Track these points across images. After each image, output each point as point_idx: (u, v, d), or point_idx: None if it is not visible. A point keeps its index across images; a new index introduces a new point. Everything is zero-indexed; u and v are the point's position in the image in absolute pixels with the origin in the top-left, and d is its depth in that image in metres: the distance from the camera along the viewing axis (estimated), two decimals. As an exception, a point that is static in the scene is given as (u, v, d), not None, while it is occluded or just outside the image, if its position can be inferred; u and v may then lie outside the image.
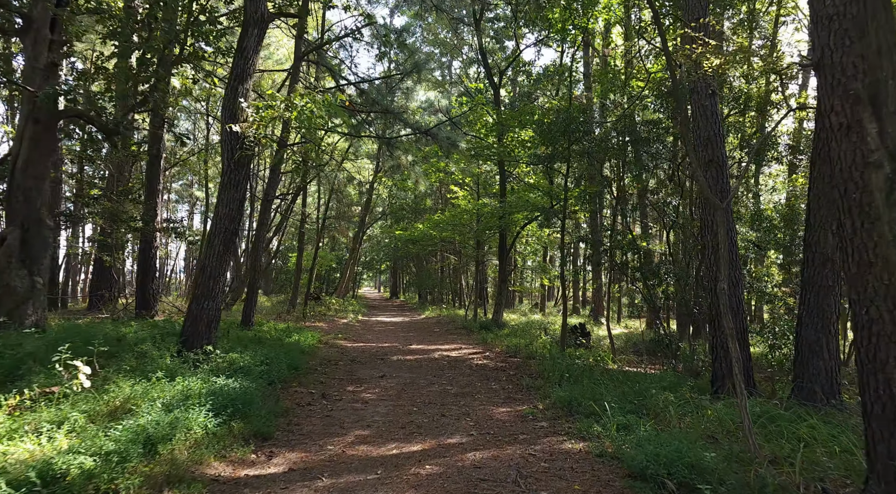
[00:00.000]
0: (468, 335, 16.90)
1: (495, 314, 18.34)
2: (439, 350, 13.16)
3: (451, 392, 8.23)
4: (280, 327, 13.37)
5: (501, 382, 9.13)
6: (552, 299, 38.16)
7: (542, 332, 17.44)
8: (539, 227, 17.64)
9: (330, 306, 23.50)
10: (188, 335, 7.79)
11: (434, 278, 34.15)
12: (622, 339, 17.80)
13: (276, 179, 12.76)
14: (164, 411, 5.02)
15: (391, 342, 14.79)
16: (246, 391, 6.44)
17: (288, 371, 8.57)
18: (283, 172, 15.67)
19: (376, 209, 39.98)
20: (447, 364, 11.02)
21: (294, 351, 10.25)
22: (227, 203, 8.02)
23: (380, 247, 40.04)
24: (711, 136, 8.03)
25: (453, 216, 19.57)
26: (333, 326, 17.98)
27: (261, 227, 12.60)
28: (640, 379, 8.53)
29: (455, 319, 22.53)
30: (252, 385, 6.85)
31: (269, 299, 26.43)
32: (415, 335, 17.08)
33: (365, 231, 31.29)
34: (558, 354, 12.46)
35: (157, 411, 5.04)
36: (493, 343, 14.48)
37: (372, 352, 12.49)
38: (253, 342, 10.29)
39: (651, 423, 5.88)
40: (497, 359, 11.93)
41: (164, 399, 5.41)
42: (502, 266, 18.40)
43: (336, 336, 14.89)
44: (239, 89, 8.15)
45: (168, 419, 4.80)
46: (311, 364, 10.06)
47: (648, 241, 11.96)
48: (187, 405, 5.27)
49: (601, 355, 12.60)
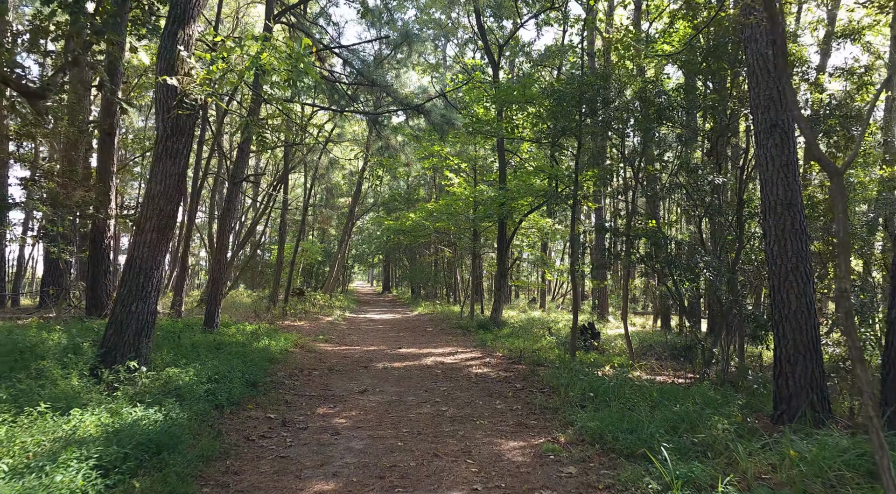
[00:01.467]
0: (464, 335, 15.27)
1: (494, 311, 16.72)
2: (432, 355, 11.52)
3: (447, 415, 6.58)
4: (249, 329, 11.68)
5: (508, 400, 7.49)
6: (550, 294, 36.58)
7: (546, 332, 15.84)
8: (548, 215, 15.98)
9: (315, 303, 21.81)
10: (110, 346, 6.09)
11: (427, 272, 32.48)
12: (634, 339, 16.23)
13: (243, 158, 11.03)
14: (8, 477, 3.32)
15: (378, 344, 13.13)
16: (172, 425, 4.78)
17: (244, 389, 6.90)
18: (254, 152, 13.95)
19: (367, 200, 38.24)
20: (442, 374, 9.37)
21: (259, 360, 8.57)
22: (161, 179, 6.31)
23: (371, 240, 38.29)
24: (774, 94, 6.39)
25: (448, 204, 17.89)
26: (316, 325, 16.30)
27: (226, 213, 10.90)
28: (677, 396, 6.92)
29: (450, 316, 20.90)
30: (183, 416, 5.18)
31: (250, 295, 24.70)
32: (405, 335, 15.42)
33: (354, 222, 29.54)
34: (569, 360, 10.89)
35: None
36: (493, 346, 12.85)
37: (355, 358, 10.83)
38: (209, 350, 8.60)
39: (730, 477, 4.24)
40: (499, 366, 10.30)
41: (29, 449, 3.72)
42: (502, 259, 16.76)
43: (316, 338, 13.20)
44: (179, 35, 6.42)
45: (12, 492, 3.12)
46: (278, 377, 8.38)
47: (668, 229, 10.36)
48: (61, 461, 3.58)
49: (617, 360, 11.01)
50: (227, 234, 10.85)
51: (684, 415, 6.00)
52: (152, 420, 4.76)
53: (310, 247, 25.35)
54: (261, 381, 7.63)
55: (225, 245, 10.89)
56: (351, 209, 27.90)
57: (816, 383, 6.04)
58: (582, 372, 8.61)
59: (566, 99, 9.66)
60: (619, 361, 11.04)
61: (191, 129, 6.54)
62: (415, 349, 12.35)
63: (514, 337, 14.34)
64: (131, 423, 4.55)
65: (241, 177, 10.85)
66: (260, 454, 5.02)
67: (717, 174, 8.35)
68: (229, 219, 10.94)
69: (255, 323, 13.24)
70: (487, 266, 29.11)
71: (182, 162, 6.46)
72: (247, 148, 10.95)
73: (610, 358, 11.46)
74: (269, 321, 13.98)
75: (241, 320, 14.46)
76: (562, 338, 15.04)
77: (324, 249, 29.72)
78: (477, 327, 16.02)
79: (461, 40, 28.37)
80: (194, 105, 6.35)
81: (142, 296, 6.20)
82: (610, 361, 11.12)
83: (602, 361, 11.17)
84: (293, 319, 16.54)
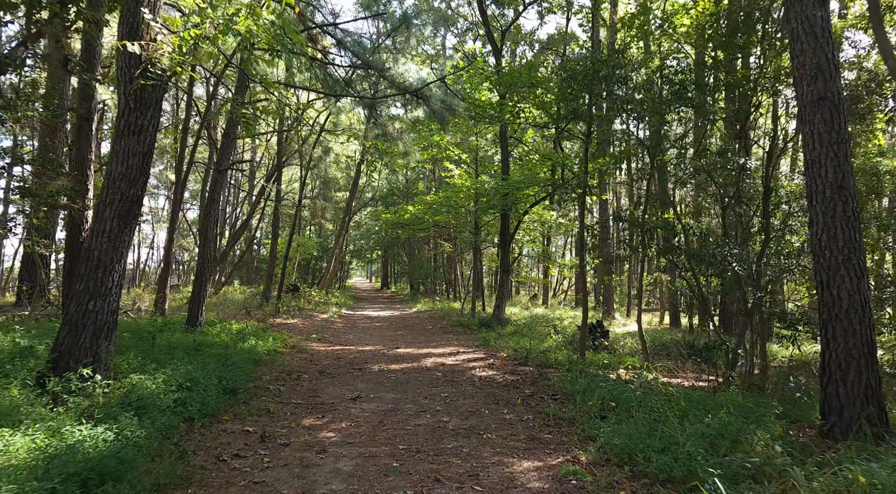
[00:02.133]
0: (466, 333, 14.50)
1: (496, 308, 15.95)
2: (432, 356, 10.75)
3: (449, 428, 5.82)
4: (236, 328, 10.90)
5: (517, 408, 6.73)
6: (551, 290, 35.81)
7: (552, 330, 15.09)
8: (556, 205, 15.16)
9: (310, 300, 21.03)
10: (63, 350, 5.30)
11: (426, 267, 31.70)
12: (645, 338, 15.47)
13: (230, 144, 10.24)
14: None
15: (375, 343, 12.37)
16: (123, 447, 4.01)
17: (221, 397, 6.13)
18: (241, 138, 13.15)
19: (365, 195, 37.43)
20: (443, 377, 8.60)
21: (242, 363, 7.80)
22: (123, 158, 5.52)
23: (369, 235, 37.48)
24: (822, 63, 5.60)
25: (448, 197, 17.11)
26: (310, 323, 15.53)
27: (211, 203, 10.10)
28: (706, 404, 6.17)
29: (450, 313, 20.13)
30: (141, 433, 4.41)
31: (243, 292, 23.92)
32: (404, 333, 14.66)
33: (352, 217, 28.74)
34: (579, 361, 10.14)
35: None
36: (497, 346, 12.09)
37: (349, 359, 10.06)
38: (188, 352, 7.83)
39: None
40: (505, 368, 9.54)
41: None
42: (504, 254, 15.98)
43: (308, 337, 12.43)
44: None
45: None
46: (263, 382, 7.61)
47: (684, 220, 9.56)
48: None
49: (630, 361, 10.26)
50: (211, 226, 10.08)
51: (720, 428, 5.25)
52: (99, 441, 3.99)
53: (305, 242, 24.54)
54: (242, 387, 6.86)
55: (209, 238, 10.12)
56: (348, 203, 27.07)
57: (872, 392, 5.28)
58: (596, 376, 7.86)
59: (578, 78, 8.86)
60: (633, 362, 10.29)
61: (157, 102, 5.74)
62: (413, 350, 11.59)
63: (519, 336, 13.58)
64: (71, 446, 3.78)
65: (226, 164, 10.06)
66: (230, 479, 4.25)
67: (747, 157, 7.56)
68: (214, 209, 10.15)
69: (244, 322, 12.46)
70: (488, 261, 28.35)
71: (147, 140, 5.66)
72: (233, 133, 10.15)
73: (622, 359, 10.71)
74: (260, 320, 13.21)
75: (231, 318, 13.69)
76: (568, 337, 14.30)
77: (320, 244, 28.93)
78: (479, 325, 15.26)
79: (461, 30, 27.57)
80: (161, 76, 5.55)
81: (100, 293, 5.41)
82: (622, 362, 10.38)
83: (614, 362, 10.42)
84: (286, 316, 15.77)
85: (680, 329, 18.53)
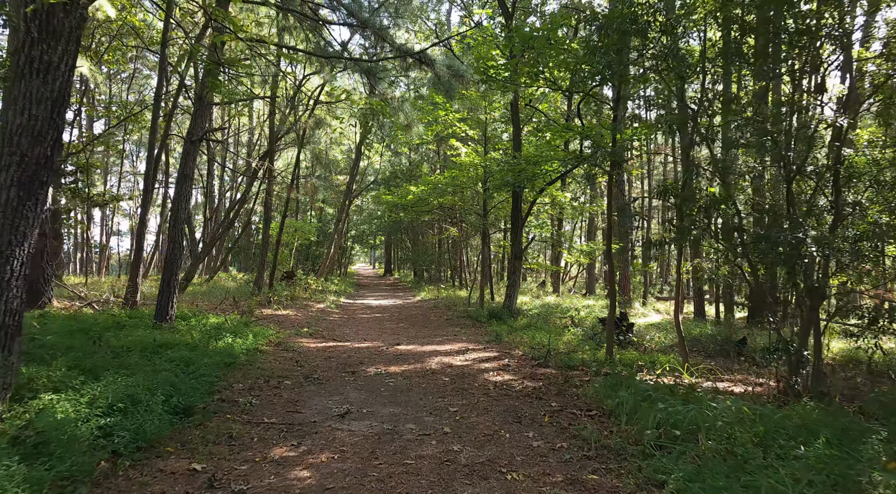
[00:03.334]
0: (475, 326, 13.14)
1: (507, 298, 14.58)
2: (438, 354, 9.39)
3: (461, 462, 4.45)
4: (214, 321, 9.55)
5: (545, 430, 5.35)
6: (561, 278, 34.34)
7: (569, 322, 13.70)
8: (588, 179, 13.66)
9: (307, 288, 19.70)
10: (-61, 365, 3.93)
11: (431, 253, 30.29)
12: (664, 329, 14.10)
13: (203, 111, 8.78)
14: None
15: (373, 339, 11.02)
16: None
17: (167, 420, 4.77)
18: (217, 104, 11.70)
19: (367, 178, 35.97)
20: (450, 384, 7.24)
21: (208, 369, 6.45)
22: (24, 106, 4.10)
23: (371, 219, 36.04)
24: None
25: (455, 176, 15.65)
26: (303, 314, 14.19)
27: (183, 179, 8.68)
28: (786, 425, 4.82)
29: (456, 303, 18.77)
30: (14, 492, 3.05)
31: (237, 279, 22.61)
32: (406, 326, 13.30)
33: (352, 200, 27.29)
34: (607, 360, 8.79)
35: None
36: (511, 341, 10.73)
37: (342, 359, 8.71)
38: (144, 356, 6.49)
39: None
40: (522, 371, 8.17)
41: None
42: (516, 239, 14.55)
43: (299, 332, 11.08)
44: None
45: None
46: (233, 392, 6.26)
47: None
48: None
49: (664, 360, 8.89)
50: (184, 205, 8.68)
51: (827, 466, 3.89)
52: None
53: (302, 226, 23.15)
54: (201, 402, 5.50)
55: (181, 219, 8.73)
56: (348, 186, 25.63)
57: None
58: (640, 386, 6.49)
59: (612, 26, 7.36)
60: (666, 361, 8.92)
61: (73, 33, 4.30)
62: (416, 346, 10.24)
63: (534, 329, 12.22)
64: None
65: (199, 133, 8.64)
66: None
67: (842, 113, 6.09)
68: (186, 187, 8.74)
69: (226, 315, 11.11)
70: (495, 247, 26.90)
71: (59, 83, 4.23)
72: (205, 99, 8.71)
73: (654, 358, 9.33)
74: (244, 312, 11.84)
75: (214, 309, 12.35)
76: (588, 330, 12.94)
77: (319, 228, 27.53)
78: (488, 316, 13.89)
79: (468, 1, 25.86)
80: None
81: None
82: (656, 361, 9.01)
83: (645, 361, 9.06)
84: (277, 307, 14.42)
85: (704, 320, 17.14)
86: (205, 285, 19.69)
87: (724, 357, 10.86)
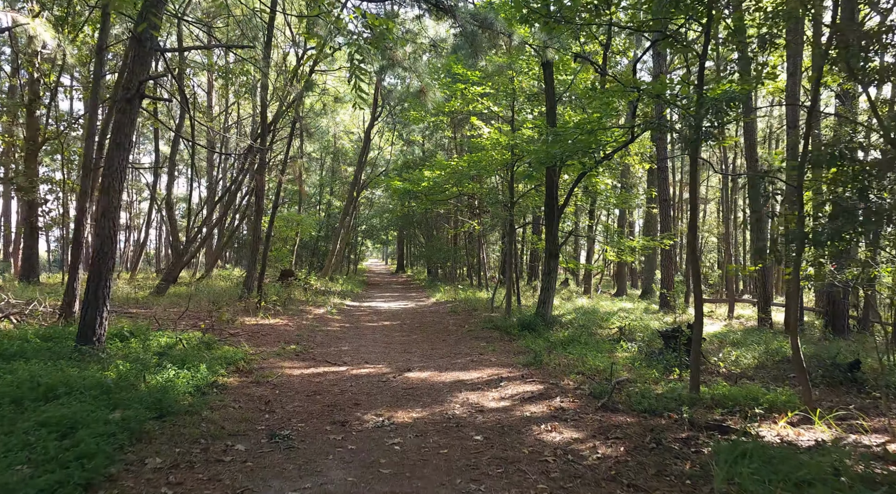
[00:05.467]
0: (503, 340, 10.71)
1: (541, 304, 12.13)
2: (463, 387, 6.97)
3: None
4: (163, 342, 7.20)
5: None
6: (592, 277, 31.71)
7: (619, 334, 11.20)
8: (687, 145, 11.08)
9: (307, 288, 17.38)
10: None
11: (446, 249, 27.83)
12: (735, 341, 11.54)
13: (143, 57, 6.37)
14: None
15: (377, 360, 8.63)
16: None
17: None
18: (165, 50, 9.22)
19: (377, 169, 33.61)
20: (486, 449, 4.81)
21: (107, 431, 4.09)
22: None
23: (382, 213, 33.67)
24: None
25: (476, 160, 13.21)
26: (296, 324, 11.84)
27: (115, 148, 6.29)
28: None
29: (476, 306, 16.35)
30: None
31: (232, 279, 20.34)
32: (419, 340, 10.90)
33: (360, 191, 24.92)
34: (691, 399, 6.41)
35: None
36: (555, 365, 8.28)
37: (332, 396, 6.33)
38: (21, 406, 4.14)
39: None
40: (584, 419, 5.73)
41: None
42: (552, 232, 12.09)
43: (283, 350, 8.72)
44: None
45: None
46: (137, 477, 3.88)
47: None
48: None
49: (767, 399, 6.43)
50: (115, 183, 6.33)
51: None
52: None
53: (302, 219, 20.84)
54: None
55: (114, 205, 6.38)
56: (356, 175, 23.26)
57: None
58: (768, 453, 4.07)
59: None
60: (773, 398, 6.48)
61: None
62: (433, 373, 7.82)
63: (579, 345, 9.79)
64: None
65: (135, 86, 6.28)
66: None
67: None
68: (119, 158, 6.34)
69: (186, 331, 8.77)
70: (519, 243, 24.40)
71: None
72: (147, 38, 6.33)
73: (750, 390, 6.81)
74: (213, 326, 9.45)
75: (178, 320, 10.02)
76: (642, 343, 10.52)
77: (323, 222, 25.22)
78: (519, 327, 11.44)
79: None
80: None
81: None
82: (757, 397, 6.53)
83: (742, 397, 6.57)
84: (263, 315, 12.08)
85: (770, 329, 14.46)
86: (194, 286, 17.45)
87: (829, 386, 8.27)
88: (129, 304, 11.97)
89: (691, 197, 7.17)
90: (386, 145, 32.16)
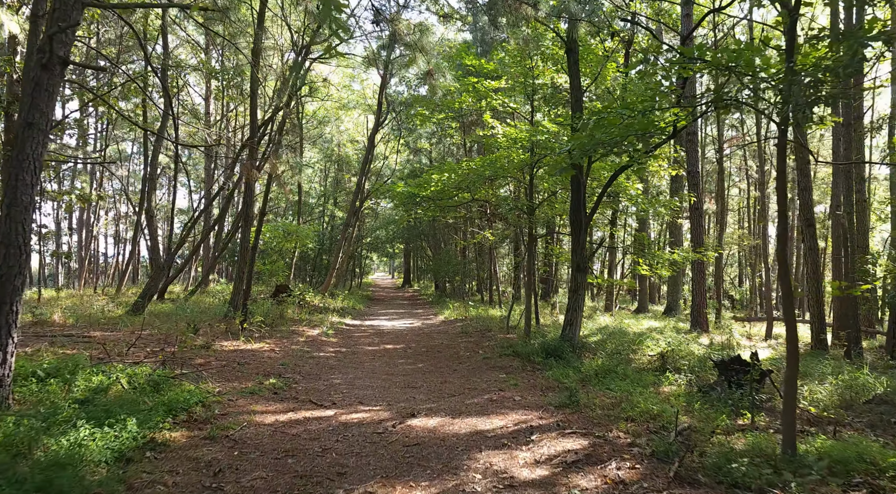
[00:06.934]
0: (526, 371, 9.03)
1: (568, 325, 10.48)
2: (483, 444, 5.29)
3: None
4: (94, 383, 5.60)
5: None
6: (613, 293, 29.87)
7: (661, 362, 9.49)
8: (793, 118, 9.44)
9: (303, 305, 15.78)
10: None
11: (454, 263, 26.19)
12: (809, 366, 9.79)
13: (67, 10, 4.86)
14: None
15: (374, 399, 6.98)
16: None
17: None
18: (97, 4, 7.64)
19: (382, 178, 32.12)
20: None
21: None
22: None
23: (387, 224, 32.11)
24: None
25: (490, 161, 11.65)
26: (284, 348, 10.22)
27: (29, 129, 4.77)
28: None
29: (489, 325, 14.70)
30: None
31: (221, 295, 18.79)
32: (426, 370, 9.24)
33: (363, 200, 23.40)
34: (785, 461, 4.76)
35: None
36: (595, 407, 6.60)
37: (308, 460, 4.70)
38: None
39: None
40: (662, 504, 4.06)
41: None
42: (578, 243, 10.46)
43: (260, 386, 7.09)
44: None
45: None
46: None
47: None
48: None
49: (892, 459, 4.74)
50: (25, 174, 4.78)
51: None
52: None
53: (298, 229, 19.30)
54: None
55: (21, 202, 4.82)
56: (359, 184, 21.75)
57: None
58: None
59: None
60: None
61: None
62: (444, 419, 6.15)
63: (617, 377, 8.13)
64: None
65: (58, 49, 4.75)
66: None
67: None
68: (32, 140, 4.82)
69: (141, 363, 7.16)
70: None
71: None
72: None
73: (862, 448, 5.13)
74: (177, 356, 7.81)
75: (151, 346, 8.43)
76: (691, 374, 8.84)
77: (324, 233, 23.69)
78: (543, 353, 9.77)
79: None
80: None
81: None
82: (871, 458, 4.88)
83: (850, 458, 4.89)
84: (246, 338, 10.46)
85: (826, 352, 12.64)
86: (179, 302, 15.91)
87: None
88: (93, 326, 10.42)
89: (778, 197, 5.53)
90: (391, 154, 30.73)
